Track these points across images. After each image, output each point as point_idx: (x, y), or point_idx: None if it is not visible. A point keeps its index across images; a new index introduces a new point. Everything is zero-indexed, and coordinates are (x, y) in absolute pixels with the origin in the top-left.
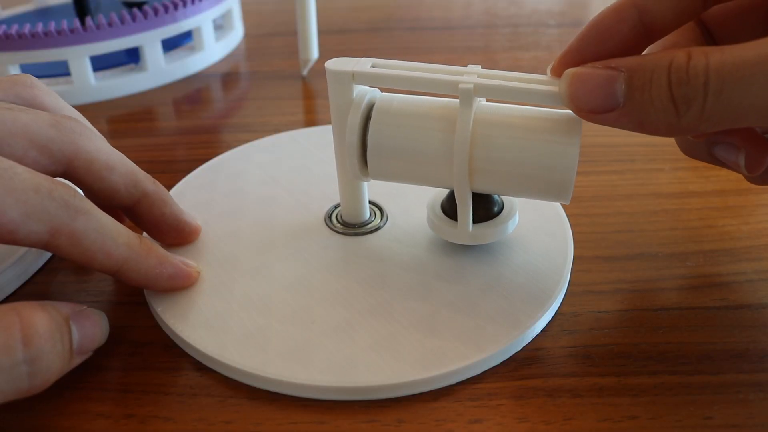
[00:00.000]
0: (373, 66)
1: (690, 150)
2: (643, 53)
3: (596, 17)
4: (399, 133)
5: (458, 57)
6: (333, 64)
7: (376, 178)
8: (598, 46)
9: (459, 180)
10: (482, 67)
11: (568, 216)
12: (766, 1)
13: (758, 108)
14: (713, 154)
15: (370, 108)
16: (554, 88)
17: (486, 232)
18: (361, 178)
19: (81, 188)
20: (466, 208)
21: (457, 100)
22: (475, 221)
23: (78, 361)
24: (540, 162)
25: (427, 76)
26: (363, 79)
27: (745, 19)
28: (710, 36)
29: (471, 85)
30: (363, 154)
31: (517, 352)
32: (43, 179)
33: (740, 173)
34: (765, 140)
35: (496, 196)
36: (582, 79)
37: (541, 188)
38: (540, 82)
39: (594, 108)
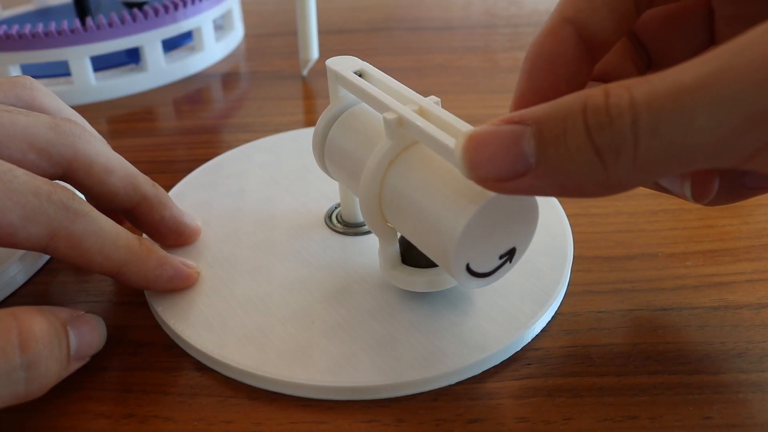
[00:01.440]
0: (357, 71)
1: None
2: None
3: (533, 47)
4: (347, 143)
5: (458, 57)
6: (333, 62)
7: (334, 179)
8: (549, 77)
9: (365, 208)
10: (436, 101)
11: (568, 216)
12: (701, 6)
13: (706, 145)
14: (659, 183)
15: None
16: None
17: (411, 278)
18: (328, 173)
19: (80, 191)
20: (380, 240)
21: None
22: (412, 263)
23: (76, 366)
24: (429, 220)
25: (377, 95)
26: (343, 82)
27: (679, 26)
28: (645, 51)
29: (395, 117)
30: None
31: (517, 351)
32: (42, 182)
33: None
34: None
35: None
36: (480, 142)
37: (430, 248)
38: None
39: (500, 175)
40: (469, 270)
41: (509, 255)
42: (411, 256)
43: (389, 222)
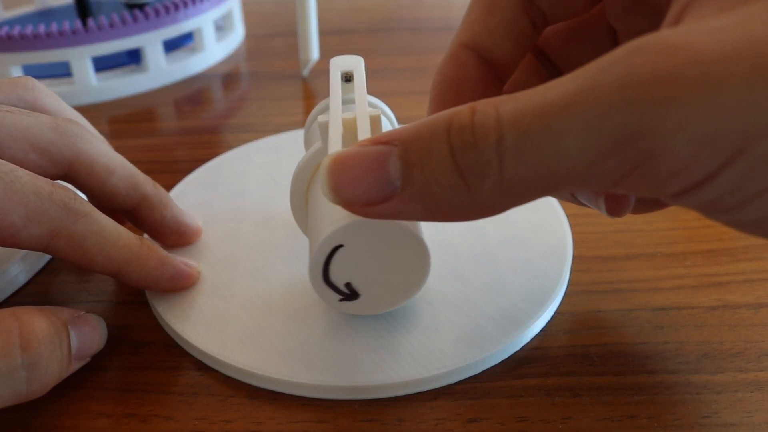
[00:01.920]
0: (344, 73)
1: (556, 194)
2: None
3: (438, 75)
4: (314, 139)
5: None
6: (335, 62)
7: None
8: (457, 101)
9: (293, 206)
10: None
11: (567, 216)
12: (600, 20)
13: (574, 167)
14: (574, 196)
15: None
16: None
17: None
18: None
19: (81, 191)
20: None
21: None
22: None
23: (76, 366)
24: (313, 224)
25: (332, 99)
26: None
27: (583, 41)
28: (555, 68)
29: (325, 121)
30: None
31: (517, 351)
32: (43, 182)
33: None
34: None
35: None
36: (345, 164)
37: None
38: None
39: (366, 199)
40: (329, 283)
41: (351, 294)
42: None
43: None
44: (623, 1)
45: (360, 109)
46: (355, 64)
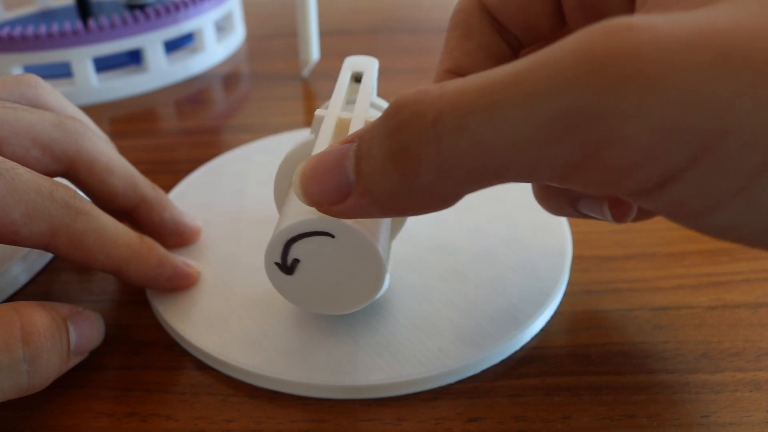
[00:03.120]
0: (354, 73)
1: (555, 209)
2: None
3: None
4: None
5: None
6: (349, 61)
7: None
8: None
9: (276, 193)
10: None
11: None
12: None
13: (520, 150)
14: (578, 210)
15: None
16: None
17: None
18: None
19: (81, 189)
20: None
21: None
22: None
23: (75, 361)
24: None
25: (336, 93)
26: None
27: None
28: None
29: (322, 115)
30: None
31: (516, 351)
32: (44, 180)
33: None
34: None
35: None
36: (313, 166)
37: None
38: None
39: (329, 198)
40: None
41: (288, 269)
42: None
43: None
44: (584, 22)
45: (358, 110)
46: (368, 65)
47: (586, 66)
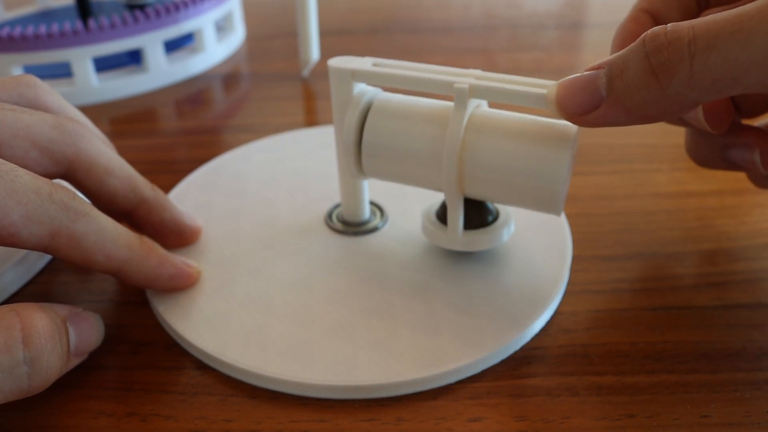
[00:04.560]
0: (374, 65)
1: (704, 159)
2: None
3: (619, 31)
4: (392, 132)
5: (457, 58)
6: (336, 62)
7: (371, 176)
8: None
9: (448, 183)
10: (482, 71)
11: (567, 216)
12: None
13: (759, 62)
14: (727, 158)
15: (369, 106)
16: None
17: (478, 238)
18: (357, 176)
19: (80, 190)
20: (455, 212)
21: (453, 103)
22: (469, 228)
23: (75, 362)
24: (527, 170)
25: (424, 76)
26: (362, 77)
27: None
28: None
29: (466, 86)
30: (359, 152)
31: (516, 351)
32: (43, 182)
33: (758, 173)
34: None
35: (490, 205)
36: (567, 85)
37: (529, 197)
38: (537, 86)
39: (580, 109)
40: None
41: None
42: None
43: (468, 190)
44: None
45: (460, 71)
46: (364, 60)
47: None
